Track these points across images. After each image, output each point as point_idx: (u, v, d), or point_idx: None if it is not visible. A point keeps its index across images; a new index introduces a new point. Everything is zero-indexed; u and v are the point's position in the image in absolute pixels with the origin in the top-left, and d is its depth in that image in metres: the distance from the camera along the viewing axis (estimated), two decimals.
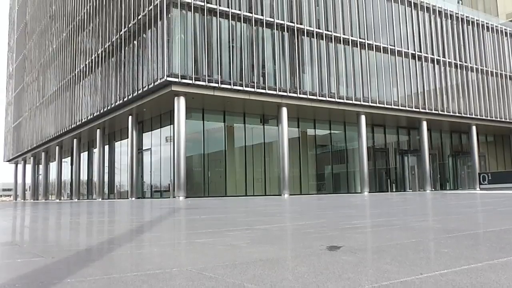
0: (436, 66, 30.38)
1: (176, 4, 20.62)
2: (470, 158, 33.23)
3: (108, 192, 31.21)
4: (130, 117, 25.68)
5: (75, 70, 33.11)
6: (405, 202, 11.97)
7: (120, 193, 30.04)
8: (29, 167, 52.98)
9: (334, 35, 25.63)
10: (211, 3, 21.57)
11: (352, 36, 26.44)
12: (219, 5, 21.78)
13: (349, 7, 26.70)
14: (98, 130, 29.96)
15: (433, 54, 30.27)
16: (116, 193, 30.74)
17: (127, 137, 26.10)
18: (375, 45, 27.45)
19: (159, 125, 25.54)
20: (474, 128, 32.62)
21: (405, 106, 28.18)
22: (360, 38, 26.81)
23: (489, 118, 32.65)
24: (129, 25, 24.18)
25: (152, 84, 21.20)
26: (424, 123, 29.93)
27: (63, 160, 40.55)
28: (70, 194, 37.94)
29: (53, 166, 43.86)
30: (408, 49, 29.03)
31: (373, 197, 17.17)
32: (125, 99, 24.12)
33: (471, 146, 32.87)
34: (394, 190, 30.73)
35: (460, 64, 31.71)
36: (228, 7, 22.04)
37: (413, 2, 29.86)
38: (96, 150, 31.10)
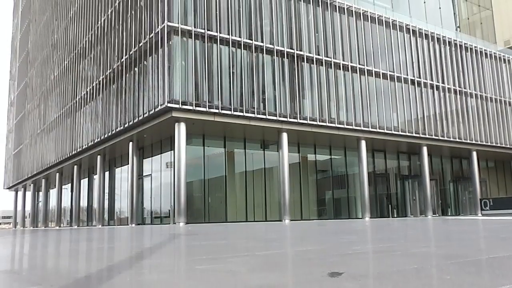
0: (436, 92, 30.57)
1: (177, 31, 20.89)
2: (471, 183, 33.13)
3: (108, 219, 31.03)
4: (130, 143, 25.72)
5: (76, 97, 33.33)
6: (406, 227, 11.88)
7: (120, 220, 29.86)
8: (29, 194, 52.82)
9: (333, 61, 25.88)
10: (211, 30, 21.86)
11: (351, 62, 26.69)
12: (220, 32, 22.05)
13: (348, 33, 27.02)
14: (98, 157, 29.96)
15: (432, 80, 30.51)
16: (116, 219, 30.56)
17: (128, 163, 26.08)
18: (375, 71, 27.68)
19: (159, 151, 25.56)
20: (474, 153, 32.63)
21: (405, 132, 28.25)
22: (359, 64, 27.06)
23: (489, 143, 32.70)
24: (130, 52, 24.45)
25: (153, 110, 21.31)
26: (425, 149, 29.96)
27: (63, 186, 40.45)
28: (70, 221, 37.71)
29: (53, 193, 43.72)
30: (407, 75, 29.27)
31: (374, 223, 17.05)
32: (126, 126, 24.21)
33: (472, 172, 32.81)
34: (395, 215, 30.55)
35: (459, 90, 31.92)
36: (229, 34, 22.32)
37: (412, 29, 30.24)
38: (96, 177, 31.05)
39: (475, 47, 33.80)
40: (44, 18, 46.54)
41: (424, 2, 33.09)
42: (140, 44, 23.30)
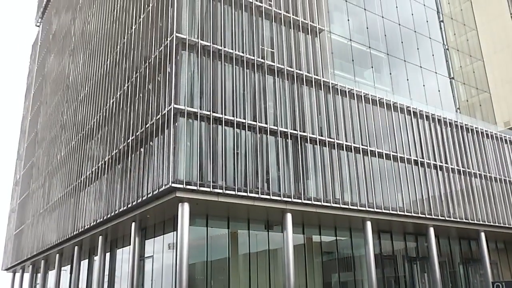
0: (440, 172, 30.58)
1: (183, 113, 21.38)
2: (482, 266, 32.17)
3: None
4: (133, 224, 25.45)
5: (81, 177, 33.50)
6: None
7: None
8: (27, 276, 51.49)
9: (336, 142, 26.17)
10: (216, 112, 22.36)
11: (354, 143, 26.99)
12: (225, 114, 22.54)
13: (350, 115, 27.56)
14: (100, 237, 29.48)
15: (435, 161, 30.63)
16: None
17: (129, 244, 25.63)
18: (378, 151, 27.91)
19: (162, 231, 25.20)
20: (483, 234, 32.02)
21: (411, 212, 27.92)
22: (362, 144, 27.34)
23: (497, 224, 32.15)
24: (137, 133, 24.88)
25: (157, 190, 21.29)
26: (432, 230, 29.46)
27: (62, 268, 39.50)
28: None
29: (51, 275, 42.62)
30: (410, 155, 29.45)
31: None
32: (129, 206, 24.08)
33: (481, 254, 31.98)
34: None
35: (463, 170, 31.94)
36: (233, 116, 22.79)
37: (413, 111, 30.85)
38: (97, 258, 30.39)
39: (476, 128, 34.29)
40: (54, 100, 47.97)
41: (424, 86, 34.09)
42: (147, 125, 23.77)
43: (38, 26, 71.61)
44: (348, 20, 31.54)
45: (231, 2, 24.95)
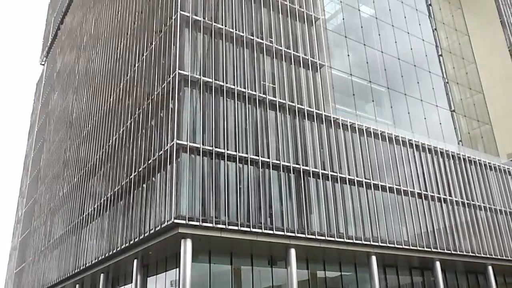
0: (444, 205, 30.34)
1: (186, 148, 21.45)
2: None
3: None
4: (135, 261, 25.14)
5: (83, 214, 33.33)
6: None
7: None
8: None
9: (339, 176, 26.10)
10: (219, 147, 22.42)
11: (357, 177, 26.91)
12: (227, 149, 22.59)
13: (352, 148, 27.58)
14: (102, 275, 29.08)
15: (439, 193, 30.44)
16: None
17: (131, 282, 25.24)
18: (381, 185, 27.79)
19: (164, 268, 24.84)
20: (490, 268, 31.49)
21: (416, 246, 27.55)
22: (365, 178, 27.25)
23: (504, 257, 31.64)
24: (139, 169, 24.89)
25: (159, 226, 21.13)
26: (438, 264, 29.01)
27: None
28: None
29: None
30: (414, 188, 29.30)
31: None
32: (131, 242, 23.86)
33: None
34: None
35: (467, 203, 31.69)
36: (236, 151, 22.84)
37: (415, 144, 30.88)
38: None
39: (479, 160, 34.20)
40: (58, 137, 48.27)
41: (425, 118, 34.26)
42: (150, 161, 23.80)
43: (42, 64, 72.84)
44: (348, 55, 32.00)
45: (233, 39, 25.40)
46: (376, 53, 33.93)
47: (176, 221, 19.96)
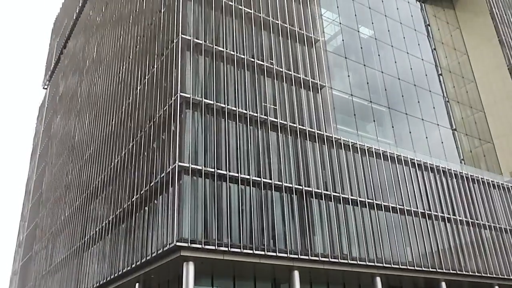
0: (448, 224, 30.11)
1: (188, 171, 21.42)
2: None
3: None
4: (137, 284, 24.88)
5: (84, 237, 33.13)
6: None
7: None
8: None
9: (342, 196, 25.98)
10: (221, 169, 22.38)
11: (360, 197, 26.77)
12: (229, 171, 22.54)
13: (354, 169, 27.51)
14: None
15: (443, 213, 30.24)
16: None
17: None
18: (384, 205, 27.63)
19: None
20: None
21: (421, 267, 27.25)
22: (368, 198, 27.11)
23: (511, 277, 31.25)
24: (141, 192, 24.82)
25: (161, 249, 20.97)
26: (443, 284, 28.63)
27: None
28: None
29: None
30: (417, 208, 29.11)
31: None
32: (133, 266, 23.66)
33: None
34: None
35: (471, 222, 31.44)
36: (238, 173, 22.79)
37: (417, 163, 30.78)
38: None
39: (482, 178, 34.05)
40: (60, 160, 48.30)
41: (426, 138, 34.26)
42: (151, 184, 23.75)
43: (45, 88, 73.35)
44: (349, 75, 32.19)
45: (234, 61, 25.59)
46: (376, 73, 34.14)
47: (178, 244, 19.81)
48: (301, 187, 24.56)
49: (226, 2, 26.81)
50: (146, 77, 28.12)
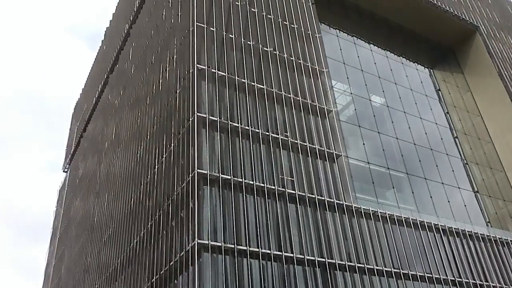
0: None
1: (207, 248, 21.11)
2: None
3: None
4: None
5: None
6: None
7: None
8: None
9: (367, 267, 25.16)
10: (241, 245, 22.00)
11: (385, 267, 25.89)
12: (249, 246, 22.12)
13: (377, 238, 26.84)
14: None
15: (474, 279, 28.95)
16: None
17: None
18: (411, 273, 26.61)
19: None
20: None
21: None
22: (394, 268, 26.20)
23: None
24: (161, 272, 24.39)
25: None
26: None
27: None
28: None
29: None
30: (446, 275, 27.96)
31: None
32: None
33: None
34: None
35: None
36: (258, 247, 22.36)
37: (441, 228, 29.97)
38: None
39: (511, 240, 32.86)
40: (79, 243, 48.10)
41: (448, 201, 33.60)
42: (171, 263, 23.37)
43: (65, 172, 74.59)
44: (364, 143, 32.31)
45: (249, 136, 25.96)
46: (391, 139, 34.23)
47: None
48: (323, 260, 23.92)
49: (239, 80, 27.67)
50: (164, 156, 28.54)
